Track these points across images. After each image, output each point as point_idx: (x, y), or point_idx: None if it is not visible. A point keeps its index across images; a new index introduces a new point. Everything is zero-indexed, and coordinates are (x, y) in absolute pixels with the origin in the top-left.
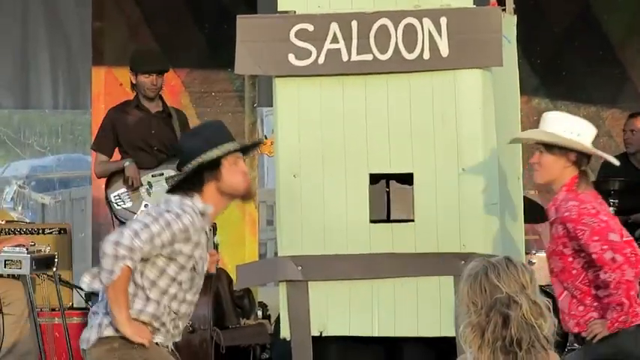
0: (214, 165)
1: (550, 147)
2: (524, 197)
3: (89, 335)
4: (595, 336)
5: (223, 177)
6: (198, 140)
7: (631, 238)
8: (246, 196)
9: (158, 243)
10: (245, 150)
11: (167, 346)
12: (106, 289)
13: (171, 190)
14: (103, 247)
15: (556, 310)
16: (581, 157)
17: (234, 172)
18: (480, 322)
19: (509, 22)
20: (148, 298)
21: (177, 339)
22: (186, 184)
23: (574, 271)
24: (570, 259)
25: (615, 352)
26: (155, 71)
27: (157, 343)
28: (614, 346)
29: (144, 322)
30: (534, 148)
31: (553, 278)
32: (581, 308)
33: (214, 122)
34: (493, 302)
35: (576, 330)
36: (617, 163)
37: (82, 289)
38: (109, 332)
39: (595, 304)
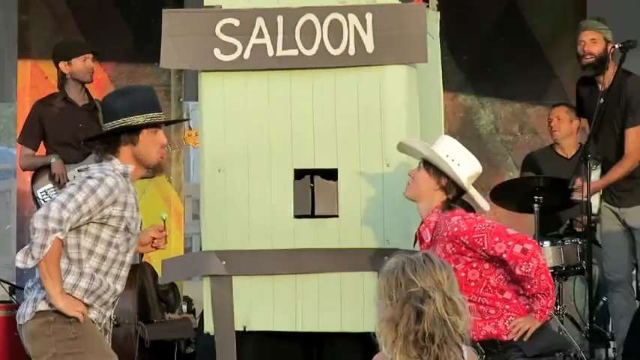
0: (134, 130)
1: (428, 165)
2: None
3: (24, 310)
4: (525, 333)
5: (140, 143)
6: (125, 101)
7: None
8: (157, 168)
9: (85, 210)
10: (167, 123)
11: (101, 323)
12: (39, 264)
13: (86, 144)
14: (32, 222)
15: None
16: (451, 186)
17: (150, 141)
18: (394, 316)
19: (432, 19)
20: (81, 273)
21: (109, 313)
22: (103, 143)
23: (472, 284)
24: (463, 274)
25: (556, 343)
26: (91, 52)
27: (91, 320)
28: (553, 337)
29: (77, 298)
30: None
31: None
32: (492, 311)
33: (145, 87)
34: (407, 296)
35: (495, 332)
36: (486, 208)
37: (5, 283)
38: (43, 306)
39: (506, 306)
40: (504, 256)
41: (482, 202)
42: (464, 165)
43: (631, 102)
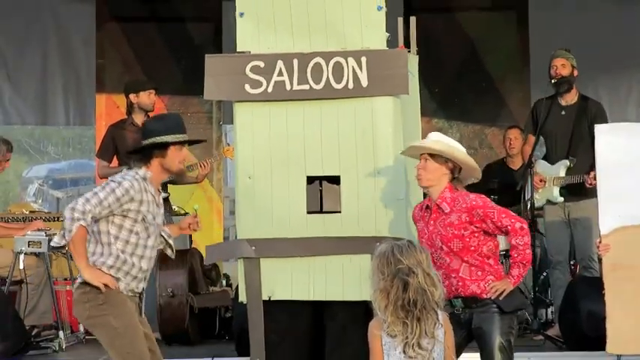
0: (163, 146)
1: (434, 156)
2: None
3: (77, 281)
4: (502, 293)
5: (167, 157)
6: (159, 125)
7: None
8: (178, 174)
9: (106, 204)
10: (189, 142)
11: (134, 294)
12: (68, 245)
13: (130, 153)
14: (64, 212)
15: None
16: (455, 168)
17: (175, 156)
18: (386, 287)
19: (412, 61)
20: (110, 253)
21: (142, 286)
22: (139, 154)
23: (472, 248)
24: (467, 239)
25: (523, 303)
26: (153, 88)
27: (121, 292)
28: (521, 298)
29: (105, 272)
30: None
31: (450, 256)
32: (479, 273)
33: (175, 115)
34: (396, 271)
35: (478, 292)
36: (479, 176)
37: None
38: (81, 279)
39: (491, 269)
40: (509, 227)
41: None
42: (458, 148)
43: (596, 119)
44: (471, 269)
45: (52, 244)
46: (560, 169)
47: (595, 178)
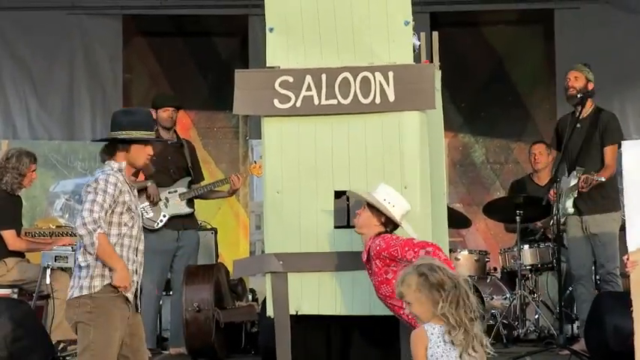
0: (127, 141)
1: (371, 207)
2: (451, 208)
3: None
4: None
5: (131, 151)
6: (125, 119)
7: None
8: (143, 170)
9: (106, 206)
10: (154, 141)
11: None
12: (97, 257)
13: (94, 140)
14: (77, 232)
15: None
16: (388, 222)
17: (139, 152)
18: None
19: (436, 76)
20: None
21: (134, 280)
22: (106, 147)
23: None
24: (394, 281)
25: None
26: (171, 106)
27: (112, 300)
28: None
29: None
30: (456, 170)
31: (389, 304)
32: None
33: (143, 110)
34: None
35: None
36: (414, 235)
37: None
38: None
39: None
40: (414, 259)
41: (411, 232)
42: (397, 206)
43: (607, 127)
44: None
45: (80, 264)
46: (571, 180)
47: (585, 182)
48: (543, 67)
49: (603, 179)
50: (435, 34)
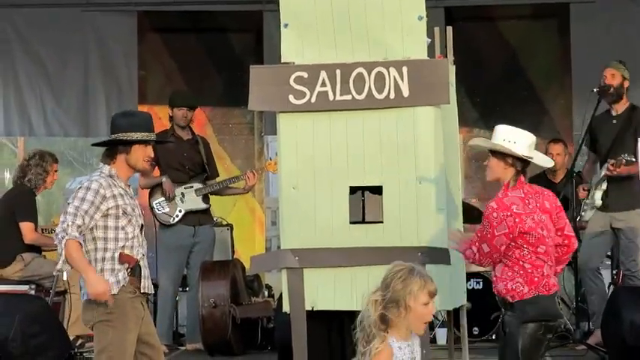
0: (127, 143)
1: (493, 152)
2: (466, 203)
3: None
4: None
5: (131, 154)
6: (125, 121)
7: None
8: (143, 172)
9: (82, 212)
10: (150, 142)
11: (138, 293)
12: (70, 264)
13: (94, 145)
14: (58, 239)
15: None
16: (515, 161)
17: (140, 154)
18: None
19: (450, 71)
20: (103, 258)
21: (145, 284)
22: (106, 150)
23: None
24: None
25: (542, 313)
26: (185, 106)
27: (128, 299)
28: (538, 308)
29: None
30: (471, 165)
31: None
32: (510, 273)
33: (143, 113)
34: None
35: (504, 292)
36: (549, 164)
37: None
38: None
39: (521, 271)
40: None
41: (541, 161)
42: (519, 141)
43: None
44: (503, 269)
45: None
46: (602, 172)
47: (614, 166)
48: (559, 62)
49: (633, 159)
50: (450, 28)
